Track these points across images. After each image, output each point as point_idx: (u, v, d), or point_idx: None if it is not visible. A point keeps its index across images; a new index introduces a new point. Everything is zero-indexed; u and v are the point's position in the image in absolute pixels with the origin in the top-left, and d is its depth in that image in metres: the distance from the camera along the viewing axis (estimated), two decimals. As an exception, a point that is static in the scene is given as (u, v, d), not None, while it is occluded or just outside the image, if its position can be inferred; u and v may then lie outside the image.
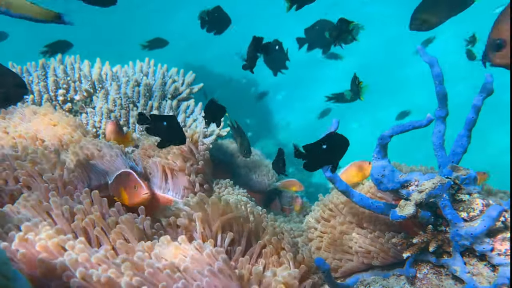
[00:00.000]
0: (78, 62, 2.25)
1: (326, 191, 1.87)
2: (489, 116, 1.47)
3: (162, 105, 2.18)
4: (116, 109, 2.12)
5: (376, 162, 1.28)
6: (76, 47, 2.94)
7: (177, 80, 2.38)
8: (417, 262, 1.31)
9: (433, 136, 1.32)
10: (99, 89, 2.20)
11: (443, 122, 1.31)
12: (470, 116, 1.27)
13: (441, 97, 1.28)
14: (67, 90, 2.16)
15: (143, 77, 2.30)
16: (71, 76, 2.18)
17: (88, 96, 2.17)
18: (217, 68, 8.00)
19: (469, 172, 1.21)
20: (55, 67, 2.17)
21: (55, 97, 2.13)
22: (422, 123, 1.19)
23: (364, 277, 1.51)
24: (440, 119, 1.31)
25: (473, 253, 1.16)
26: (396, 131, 1.24)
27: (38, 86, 2.08)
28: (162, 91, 2.23)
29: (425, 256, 1.27)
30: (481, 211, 1.15)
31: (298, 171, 6.59)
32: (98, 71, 2.26)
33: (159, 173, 1.59)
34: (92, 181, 1.37)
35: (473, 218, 1.15)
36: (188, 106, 2.27)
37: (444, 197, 1.16)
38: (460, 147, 1.29)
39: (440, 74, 1.27)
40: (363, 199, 1.34)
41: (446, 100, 1.29)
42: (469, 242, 1.13)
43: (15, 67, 2.15)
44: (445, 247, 1.22)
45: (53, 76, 2.12)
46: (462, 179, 1.21)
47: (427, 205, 1.21)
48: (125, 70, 2.36)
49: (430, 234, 1.23)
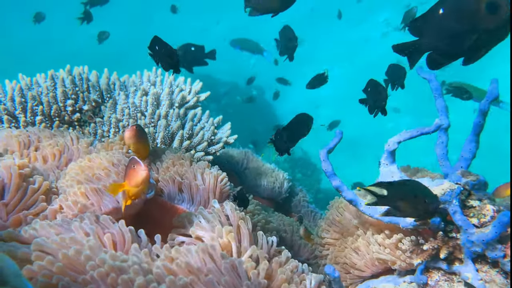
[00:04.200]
0: (86, 73, 2.27)
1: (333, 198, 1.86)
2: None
3: (170, 114, 2.20)
4: (124, 119, 2.14)
5: (384, 168, 1.28)
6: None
7: (184, 88, 2.39)
8: (428, 269, 1.29)
9: (437, 148, 1.32)
10: (107, 98, 2.22)
11: (445, 133, 1.31)
12: (477, 121, 1.26)
13: (442, 108, 1.29)
14: (76, 100, 2.18)
15: (150, 86, 2.32)
16: (80, 87, 2.20)
17: (96, 106, 2.19)
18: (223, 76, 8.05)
19: (478, 177, 1.20)
20: (63, 77, 2.19)
21: (64, 108, 2.15)
22: (429, 129, 1.19)
23: (374, 284, 1.50)
24: (442, 130, 1.31)
25: (485, 260, 1.15)
26: (404, 137, 1.23)
27: (47, 97, 2.11)
28: (169, 100, 2.25)
29: (436, 263, 1.26)
30: (492, 217, 1.14)
31: (306, 177, 6.58)
32: (106, 81, 2.28)
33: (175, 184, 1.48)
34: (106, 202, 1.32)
35: (484, 224, 1.14)
36: (195, 114, 2.28)
37: (454, 203, 1.15)
38: (468, 152, 1.29)
39: (439, 87, 1.28)
40: (370, 208, 1.34)
41: (447, 112, 1.30)
42: (480, 248, 1.12)
43: (24, 79, 2.18)
44: (457, 253, 1.20)
45: (61, 87, 2.14)
46: (472, 185, 1.20)
47: (438, 212, 1.20)
48: (132, 80, 2.38)
49: (441, 240, 1.21)
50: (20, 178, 1.23)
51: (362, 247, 1.51)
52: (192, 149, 2.13)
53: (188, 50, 2.33)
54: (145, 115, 2.17)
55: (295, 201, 2.64)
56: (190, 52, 2.28)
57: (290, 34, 2.33)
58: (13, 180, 1.22)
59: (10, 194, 1.21)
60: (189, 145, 2.11)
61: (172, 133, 2.13)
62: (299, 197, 2.65)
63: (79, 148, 1.61)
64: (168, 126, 2.13)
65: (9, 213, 1.19)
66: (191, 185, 1.43)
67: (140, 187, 1.13)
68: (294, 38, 2.31)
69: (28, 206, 1.23)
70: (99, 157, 1.41)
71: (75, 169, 1.36)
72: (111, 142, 1.66)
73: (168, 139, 2.11)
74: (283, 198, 2.60)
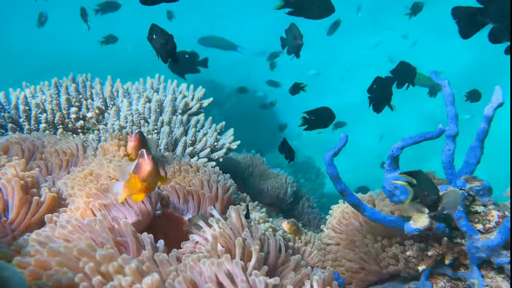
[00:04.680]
0: (90, 80, 2.29)
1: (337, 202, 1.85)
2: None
3: (173, 120, 2.20)
4: (127, 126, 2.15)
5: (388, 174, 1.27)
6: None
7: (187, 95, 2.40)
8: (433, 275, 1.29)
9: (443, 155, 1.31)
10: (110, 106, 2.23)
11: (453, 141, 1.30)
12: (482, 127, 1.26)
13: (452, 116, 1.29)
14: (79, 108, 2.19)
15: (153, 93, 2.33)
16: (83, 94, 2.21)
17: (100, 113, 2.20)
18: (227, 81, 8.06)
19: (483, 183, 1.20)
20: (67, 85, 2.20)
21: (68, 115, 2.16)
22: (433, 135, 1.18)
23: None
24: (450, 138, 1.31)
25: (490, 266, 1.14)
26: (408, 143, 1.23)
27: (51, 104, 2.12)
28: (172, 107, 2.25)
29: (442, 269, 1.25)
30: (497, 222, 1.13)
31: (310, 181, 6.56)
32: (109, 88, 2.29)
33: (181, 193, 1.47)
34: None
35: (489, 230, 1.14)
36: (198, 121, 2.29)
37: (459, 209, 1.15)
38: (473, 158, 1.28)
39: (452, 95, 1.28)
40: (374, 213, 1.33)
41: (457, 120, 1.29)
42: (486, 254, 1.11)
43: (28, 87, 2.19)
44: (462, 259, 1.20)
45: (65, 95, 2.16)
46: (477, 190, 1.19)
47: (442, 217, 1.20)
48: (136, 87, 2.39)
49: (446, 246, 1.21)
50: (23, 191, 1.21)
51: (366, 252, 1.51)
52: (195, 155, 2.13)
53: (182, 57, 2.36)
54: (148, 121, 2.18)
55: (300, 207, 2.63)
56: (184, 59, 2.30)
57: (296, 32, 2.34)
58: (15, 195, 1.19)
59: (13, 213, 1.19)
60: (192, 151, 2.12)
61: (175, 140, 2.13)
62: (304, 202, 2.65)
63: (83, 155, 1.61)
64: (171, 133, 2.14)
65: (15, 230, 1.18)
66: (198, 194, 1.42)
67: (147, 181, 1.10)
68: (299, 36, 2.32)
69: (33, 223, 1.21)
70: (107, 166, 1.40)
71: (82, 177, 1.35)
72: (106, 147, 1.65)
73: (171, 146, 2.12)
74: (288, 203, 2.59)
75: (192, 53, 2.35)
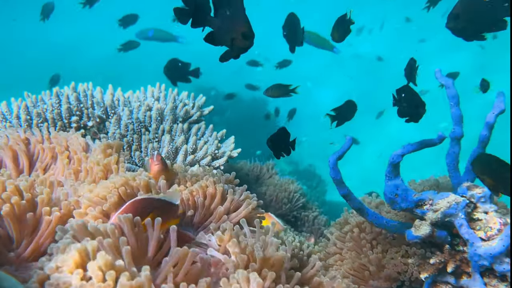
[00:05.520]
0: (91, 89, 2.30)
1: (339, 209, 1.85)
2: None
3: (174, 129, 2.20)
4: (128, 134, 2.15)
5: (389, 181, 1.27)
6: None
7: (188, 103, 2.41)
8: (436, 284, 1.28)
9: (448, 157, 1.31)
10: (111, 114, 2.24)
11: (457, 144, 1.30)
12: (483, 133, 1.26)
13: (457, 118, 1.28)
14: (81, 116, 2.19)
15: (154, 102, 2.33)
16: (84, 103, 2.22)
17: (101, 122, 2.21)
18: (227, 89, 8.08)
19: (484, 190, 1.19)
20: (68, 94, 2.21)
21: (69, 124, 2.16)
22: (434, 142, 1.18)
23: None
24: (455, 140, 1.30)
25: (493, 274, 1.13)
26: (408, 150, 1.23)
27: (52, 114, 2.12)
28: (173, 115, 2.26)
29: (444, 277, 1.24)
30: (499, 230, 1.13)
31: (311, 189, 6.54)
32: (110, 97, 2.30)
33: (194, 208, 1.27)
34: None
35: (491, 238, 1.13)
36: (199, 129, 2.29)
37: (460, 216, 1.14)
38: (474, 165, 1.28)
39: (456, 96, 1.27)
40: (377, 217, 1.33)
41: (462, 122, 1.28)
42: (488, 262, 1.10)
43: (30, 96, 2.20)
44: (464, 267, 1.19)
45: (66, 104, 2.16)
46: (478, 198, 1.19)
47: (443, 225, 1.19)
48: (136, 95, 2.40)
49: (448, 254, 1.20)
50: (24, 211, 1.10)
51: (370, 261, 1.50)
52: (196, 164, 2.13)
53: (175, 65, 2.41)
54: (149, 130, 2.18)
55: (305, 217, 2.57)
56: (177, 67, 2.35)
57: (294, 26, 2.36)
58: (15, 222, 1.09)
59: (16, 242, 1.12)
60: (193, 160, 2.12)
61: (176, 148, 2.13)
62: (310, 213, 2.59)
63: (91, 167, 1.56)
64: (172, 141, 2.14)
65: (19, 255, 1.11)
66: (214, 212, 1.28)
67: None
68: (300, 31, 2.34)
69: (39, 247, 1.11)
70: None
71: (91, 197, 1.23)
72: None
73: (172, 154, 2.12)
74: (294, 215, 2.56)
75: (185, 63, 2.40)
